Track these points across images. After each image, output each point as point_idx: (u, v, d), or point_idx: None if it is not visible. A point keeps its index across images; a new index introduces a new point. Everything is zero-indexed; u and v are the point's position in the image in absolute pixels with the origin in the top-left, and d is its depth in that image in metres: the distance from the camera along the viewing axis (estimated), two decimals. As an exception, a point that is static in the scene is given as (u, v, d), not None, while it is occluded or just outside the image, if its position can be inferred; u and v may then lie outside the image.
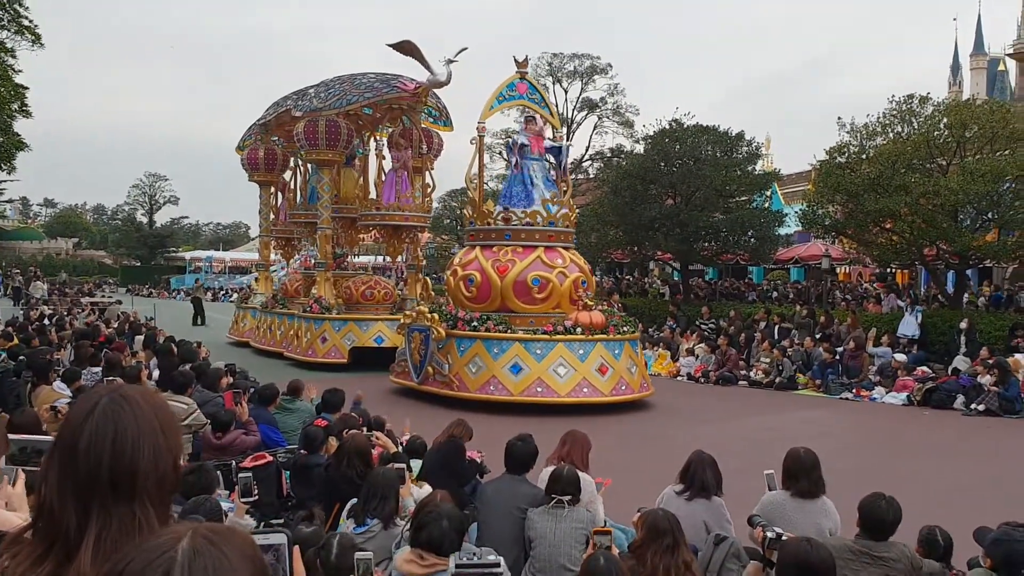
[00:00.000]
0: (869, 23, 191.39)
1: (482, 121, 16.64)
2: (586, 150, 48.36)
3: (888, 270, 29.03)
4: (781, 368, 18.88)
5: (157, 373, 12.23)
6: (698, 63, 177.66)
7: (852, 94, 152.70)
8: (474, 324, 15.13)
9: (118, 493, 1.69)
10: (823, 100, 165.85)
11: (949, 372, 17.37)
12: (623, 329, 15.75)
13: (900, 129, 21.61)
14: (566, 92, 47.43)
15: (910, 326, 19.76)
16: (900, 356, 18.15)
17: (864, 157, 21.84)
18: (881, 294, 24.69)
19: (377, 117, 22.38)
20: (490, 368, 14.67)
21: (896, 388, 17.00)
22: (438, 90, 20.44)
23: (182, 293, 64.36)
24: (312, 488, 6.50)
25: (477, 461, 7.41)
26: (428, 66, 18.92)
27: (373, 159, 24.07)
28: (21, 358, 11.34)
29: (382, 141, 23.07)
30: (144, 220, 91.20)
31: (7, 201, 49.72)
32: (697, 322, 23.79)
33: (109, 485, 1.69)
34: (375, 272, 30.19)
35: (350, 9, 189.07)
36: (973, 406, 15.36)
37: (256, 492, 5.39)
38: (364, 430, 7.74)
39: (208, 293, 43.60)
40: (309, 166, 24.08)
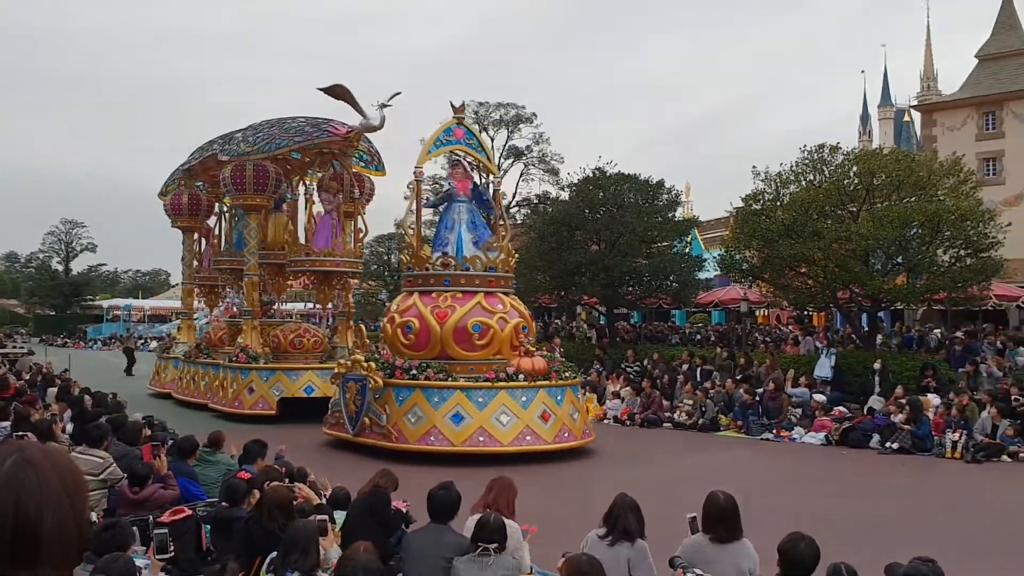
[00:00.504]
0: (782, 73, 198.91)
1: (419, 166, 16.47)
2: (513, 197, 48.92)
3: (805, 313, 29.90)
4: (704, 409, 19.20)
5: (71, 426, 11.90)
6: (615, 111, 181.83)
7: (767, 140, 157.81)
8: (413, 372, 14.67)
9: (18, 561, 1.65)
10: (739, 146, 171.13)
11: (865, 412, 17.88)
12: (565, 375, 15.53)
13: (812, 177, 22.48)
14: (492, 140, 48.07)
15: (824, 368, 20.34)
16: (819, 396, 18.63)
17: (778, 204, 22.63)
18: (798, 336, 25.39)
19: (306, 161, 21.98)
20: (430, 418, 14.21)
21: (815, 428, 17.43)
22: (371, 134, 20.15)
23: (99, 343, 62.51)
24: (233, 542, 6.36)
25: (403, 511, 7.35)
26: (361, 110, 18.59)
27: (302, 204, 23.43)
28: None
29: (311, 185, 22.49)
30: (60, 268, 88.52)
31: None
32: (622, 365, 24.07)
33: (10, 554, 1.64)
34: (302, 319, 29.58)
35: (267, 61, 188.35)
36: (888, 444, 15.83)
37: (172, 548, 5.27)
38: (286, 481, 7.62)
39: (140, 342, 41.89)
40: (235, 211, 23.58)
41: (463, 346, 15.08)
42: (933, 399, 17.30)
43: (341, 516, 7.04)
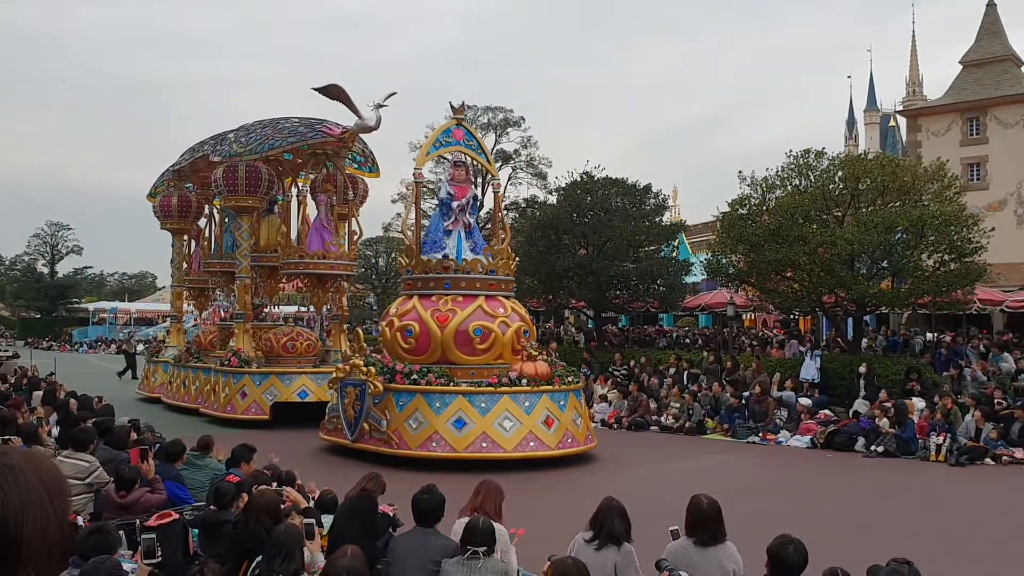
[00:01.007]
0: (767, 78, 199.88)
1: (418, 167, 16.37)
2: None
3: (791, 317, 30.05)
4: (691, 413, 19.28)
5: (57, 430, 11.86)
6: (603, 115, 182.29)
7: (754, 144, 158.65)
8: (414, 377, 14.35)
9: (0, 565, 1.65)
10: (727, 150, 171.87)
11: (850, 415, 18.01)
12: (567, 379, 15.30)
13: (798, 182, 22.61)
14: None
15: (810, 370, 20.47)
16: (805, 400, 18.72)
17: (764, 209, 22.75)
18: (784, 340, 25.53)
19: (298, 163, 21.74)
20: (432, 423, 13.92)
21: (800, 431, 17.54)
22: (365, 135, 19.91)
23: (84, 346, 62.17)
24: (220, 545, 6.37)
25: (390, 515, 7.37)
26: (356, 110, 18.33)
27: (295, 206, 23.30)
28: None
29: (304, 187, 22.29)
30: (45, 270, 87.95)
31: None
32: (610, 368, 24.13)
33: None
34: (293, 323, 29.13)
35: (255, 62, 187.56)
36: (872, 448, 15.96)
37: (160, 553, 5.27)
38: (274, 485, 7.63)
39: (139, 345, 40.84)
40: (226, 213, 23.20)
41: (464, 350, 14.78)
42: (918, 403, 17.43)
43: (329, 520, 7.06)
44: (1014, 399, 17.16)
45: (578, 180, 28.76)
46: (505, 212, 48.02)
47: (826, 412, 18.32)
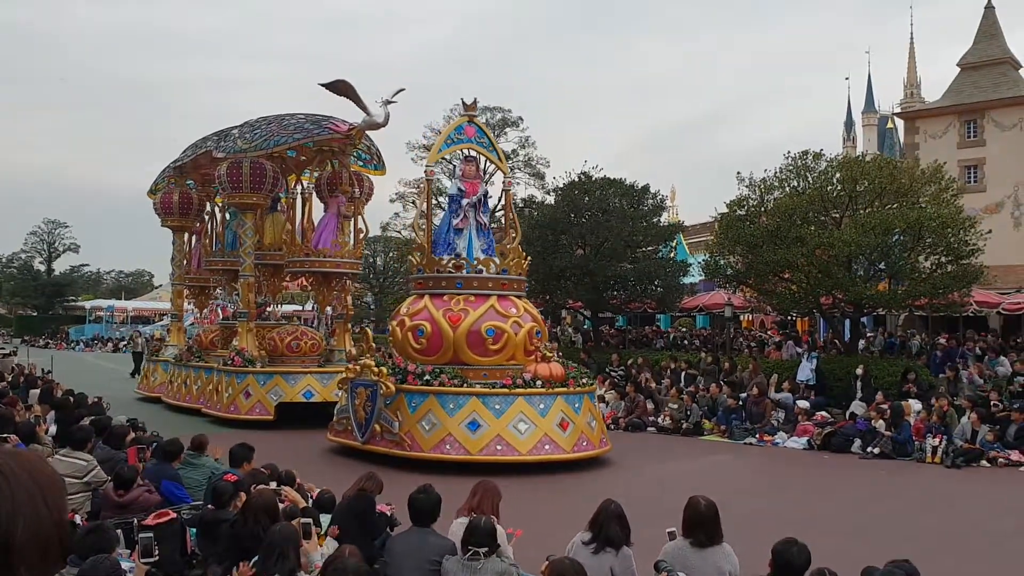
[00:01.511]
0: (767, 77, 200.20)
1: (430, 165, 16.17)
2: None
3: (788, 318, 30.08)
4: (689, 413, 19.29)
5: (54, 428, 11.86)
6: (602, 114, 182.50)
7: (755, 142, 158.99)
8: (426, 378, 14.07)
9: None
10: (727, 147, 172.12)
11: (847, 417, 18.04)
12: (582, 381, 15.06)
13: (796, 183, 22.63)
14: (478, 143, 48.05)
15: (805, 372, 20.50)
16: (803, 402, 18.73)
17: (762, 210, 22.77)
18: (780, 341, 25.54)
19: (302, 160, 21.46)
20: (445, 425, 13.62)
21: (797, 433, 17.56)
22: (372, 132, 19.57)
23: (81, 344, 62.08)
24: (219, 545, 6.37)
25: (387, 514, 7.38)
26: (364, 107, 18.07)
27: (299, 203, 22.94)
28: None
29: (309, 185, 21.99)
30: (42, 268, 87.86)
31: None
32: (607, 369, 24.14)
33: None
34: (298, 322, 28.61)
35: (255, 62, 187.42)
36: (869, 449, 15.98)
37: (157, 552, 5.28)
38: (273, 485, 7.64)
39: (141, 340, 40.40)
40: (229, 211, 22.93)
41: (476, 351, 14.50)
42: (914, 404, 17.44)
43: (327, 519, 7.06)
44: (1010, 401, 17.19)
45: (576, 180, 28.77)
46: (502, 211, 48.47)
47: (823, 414, 18.33)
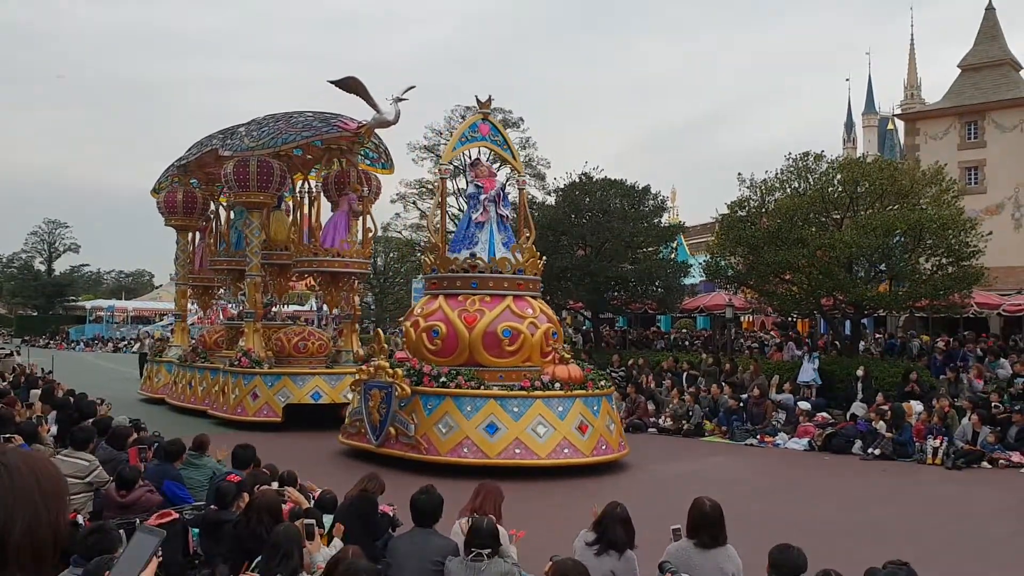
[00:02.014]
0: (767, 78, 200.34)
1: (445, 163, 16.05)
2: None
3: (789, 319, 30.09)
4: (691, 414, 19.27)
5: (55, 428, 11.87)
6: (602, 114, 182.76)
7: (755, 141, 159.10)
8: (443, 380, 13.75)
9: None
10: (728, 147, 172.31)
11: (847, 418, 18.03)
12: (600, 384, 14.77)
13: (797, 185, 22.65)
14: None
15: (808, 373, 20.47)
16: (804, 404, 18.72)
17: (763, 211, 22.78)
18: (781, 343, 25.55)
19: (308, 159, 21.22)
20: (462, 428, 13.29)
21: (798, 434, 17.56)
22: (382, 130, 19.34)
23: (81, 344, 62.10)
24: (221, 545, 6.38)
25: (390, 515, 7.38)
26: (374, 104, 17.80)
27: (306, 202, 22.66)
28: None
29: (317, 184, 21.71)
30: (42, 268, 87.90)
31: None
32: (607, 370, 24.10)
33: None
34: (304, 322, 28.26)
35: (255, 62, 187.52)
36: (869, 450, 15.97)
37: (159, 553, 5.26)
38: (275, 485, 7.64)
39: (149, 341, 40.05)
40: (234, 209, 22.70)
41: (492, 352, 14.22)
42: (916, 406, 17.44)
43: (329, 520, 7.06)
44: (1011, 403, 17.18)
45: (576, 181, 28.80)
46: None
47: (823, 415, 18.33)
